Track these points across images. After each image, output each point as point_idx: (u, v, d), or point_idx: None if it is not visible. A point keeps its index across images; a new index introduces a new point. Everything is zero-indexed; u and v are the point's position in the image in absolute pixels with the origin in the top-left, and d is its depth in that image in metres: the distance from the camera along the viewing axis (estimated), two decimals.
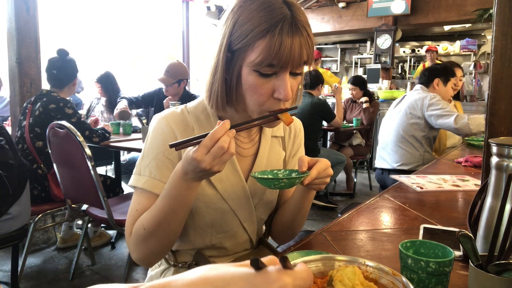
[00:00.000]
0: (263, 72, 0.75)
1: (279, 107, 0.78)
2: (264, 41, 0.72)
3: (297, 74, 0.79)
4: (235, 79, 0.79)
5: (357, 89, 4.41)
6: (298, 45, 0.73)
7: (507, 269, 0.57)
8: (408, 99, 2.59)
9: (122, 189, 2.68)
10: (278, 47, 0.71)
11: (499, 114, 1.08)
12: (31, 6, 2.88)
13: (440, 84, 2.59)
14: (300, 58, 0.74)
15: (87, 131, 2.41)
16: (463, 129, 2.35)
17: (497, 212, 0.66)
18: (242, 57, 0.76)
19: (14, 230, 1.81)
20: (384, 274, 0.58)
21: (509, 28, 1.03)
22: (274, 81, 0.76)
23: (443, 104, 2.42)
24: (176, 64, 3.11)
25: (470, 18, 5.42)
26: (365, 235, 0.98)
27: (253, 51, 0.73)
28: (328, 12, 7.05)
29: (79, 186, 2.08)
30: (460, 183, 1.55)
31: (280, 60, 0.72)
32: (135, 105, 3.37)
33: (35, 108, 2.35)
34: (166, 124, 0.86)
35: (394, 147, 2.62)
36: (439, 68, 2.63)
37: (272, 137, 0.98)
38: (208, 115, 0.89)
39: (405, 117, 2.55)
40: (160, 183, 0.83)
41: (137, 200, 0.85)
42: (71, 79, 2.48)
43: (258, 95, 0.77)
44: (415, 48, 8.44)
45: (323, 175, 0.80)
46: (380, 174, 2.77)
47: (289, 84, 0.76)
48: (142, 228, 0.80)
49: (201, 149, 0.67)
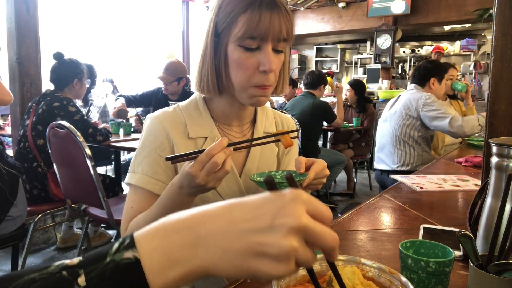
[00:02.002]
0: (247, 46, 0.79)
1: (263, 83, 0.81)
2: (245, 15, 0.78)
3: (279, 51, 0.83)
4: (222, 61, 0.83)
5: (352, 92, 4.34)
6: (277, 19, 0.78)
7: (507, 269, 0.57)
8: (403, 100, 2.58)
9: (122, 189, 2.68)
10: (258, 20, 0.77)
11: (499, 114, 1.08)
12: (31, 6, 2.88)
13: (435, 83, 2.59)
14: (279, 32, 0.79)
15: (91, 128, 2.41)
16: (457, 133, 2.38)
17: (497, 212, 0.66)
18: (227, 35, 0.81)
19: (14, 230, 1.81)
20: (382, 273, 0.58)
21: (509, 28, 1.03)
22: (258, 56, 0.80)
23: (438, 105, 2.41)
24: (175, 62, 3.11)
25: (470, 18, 5.43)
26: (365, 235, 0.98)
27: (236, 27, 0.79)
28: (328, 12, 7.05)
29: (79, 186, 2.08)
30: (460, 183, 1.55)
31: (260, 32, 0.77)
32: (134, 104, 3.37)
33: (39, 107, 2.36)
34: (158, 122, 0.89)
35: (392, 149, 2.61)
36: (432, 66, 2.62)
37: (264, 133, 0.99)
38: (200, 112, 0.92)
39: (400, 118, 2.55)
40: (152, 179, 0.86)
41: (131, 198, 0.88)
42: (69, 81, 2.46)
43: (244, 70, 0.81)
44: (415, 48, 8.44)
45: (320, 175, 0.83)
46: (380, 175, 2.76)
47: (272, 56, 0.80)
48: (137, 229, 0.81)
49: (196, 165, 0.69)
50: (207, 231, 0.35)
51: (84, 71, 2.56)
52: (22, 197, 1.87)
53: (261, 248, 0.34)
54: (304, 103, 3.63)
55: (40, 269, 0.33)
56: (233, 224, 0.35)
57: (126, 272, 0.33)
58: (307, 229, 0.35)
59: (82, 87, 2.55)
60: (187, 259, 0.35)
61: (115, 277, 0.32)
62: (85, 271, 0.32)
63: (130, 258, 0.33)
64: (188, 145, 0.89)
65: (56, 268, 0.32)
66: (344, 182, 4.42)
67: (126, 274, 0.33)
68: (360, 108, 4.42)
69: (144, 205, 0.86)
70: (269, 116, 1.03)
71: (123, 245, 0.34)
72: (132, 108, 3.33)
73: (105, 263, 0.33)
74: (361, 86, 4.42)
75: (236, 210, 0.36)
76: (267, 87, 0.83)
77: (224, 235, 0.35)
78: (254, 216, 0.35)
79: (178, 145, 0.88)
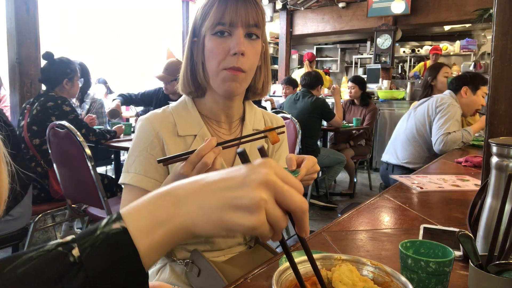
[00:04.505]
0: (218, 31, 0.84)
1: (233, 64, 0.84)
2: (214, 7, 0.84)
3: (252, 36, 0.87)
4: (200, 55, 0.89)
5: (356, 88, 4.41)
6: (243, 6, 0.83)
7: (507, 269, 0.57)
8: (431, 100, 2.60)
9: (121, 189, 2.68)
10: (225, 6, 0.83)
11: (499, 114, 1.08)
12: (31, 6, 2.88)
13: (468, 92, 2.57)
14: (247, 16, 0.83)
15: (83, 129, 2.39)
16: (438, 151, 2.45)
17: (497, 212, 0.66)
18: (203, 29, 0.86)
19: (15, 230, 1.81)
20: (362, 265, 0.59)
21: (509, 28, 1.03)
22: (229, 41, 0.84)
23: (446, 119, 2.41)
24: (174, 62, 3.11)
25: (470, 18, 5.42)
26: (365, 235, 0.98)
27: (209, 19, 0.84)
28: (328, 12, 7.05)
29: (79, 186, 2.08)
30: (460, 183, 1.55)
31: (228, 18, 0.83)
32: (134, 103, 3.36)
33: (33, 108, 2.36)
34: (147, 123, 0.92)
35: (405, 144, 2.65)
36: (468, 76, 2.63)
37: (253, 130, 1.01)
38: (188, 111, 0.95)
39: (422, 117, 2.57)
40: (145, 177, 0.89)
41: (127, 197, 0.91)
42: (59, 81, 2.44)
43: (216, 55, 0.85)
44: (415, 48, 8.44)
45: (312, 171, 0.85)
46: (385, 170, 2.78)
47: (242, 39, 0.84)
48: None
49: (187, 165, 0.71)
50: (186, 192, 0.39)
51: (75, 70, 2.53)
52: (29, 202, 1.87)
53: (234, 201, 0.38)
54: (302, 102, 3.64)
55: (37, 248, 0.36)
56: (209, 185, 0.39)
57: (115, 240, 0.36)
58: (276, 185, 0.39)
59: (73, 87, 2.52)
60: (170, 217, 0.38)
61: (105, 245, 0.35)
62: (78, 244, 0.35)
63: (118, 228, 0.36)
64: (177, 143, 0.92)
65: (52, 245, 0.36)
66: (344, 182, 4.42)
67: (115, 241, 0.36)
68: (364, 102, 4.45)
69: None
70: (257, 114, 1.05)
71: (111, 219, 0.37)
72: (131, 105, 3.32)
73: (96, 235, 0.36)
74: (363, 81, 4.50)
75: (211, 176, 0.40)
76: (238, 71, 0.85)
77: (201, 194, 0.39)
78: (228, 178, 0.39)
79: (168, 144, 0.91)
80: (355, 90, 4.42)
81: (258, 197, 0.37)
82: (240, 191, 0.38)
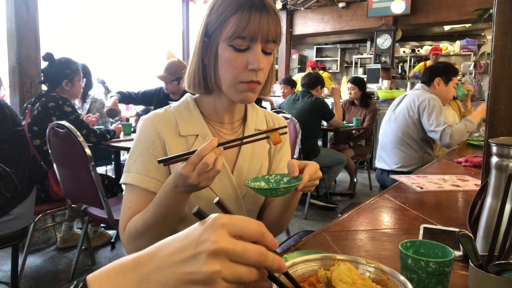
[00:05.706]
0: (237, 46, 0.82)
1: (251, 79, 0.83)
2: (235, 16, 0.80)
3: (268, 53, 0.85)
4: (212, 60, 0.86)
5: (356, 89, 4.40)
6: (266, 21, 0.81)
7: (507, 269, 0.57)
8: (407, 100, 2.58)
9: (121, 189, 2.68)
10: (247, 20, 0.79)
11: (499, 114, 1.08)
12: (31, 6, 2.88)
13: (441, 84, 2.58)
14: (268, 33, 0.81)
15: (84, 129, 2.40)
16: (446, 145, 2.42)
17: (497, 212, 0.66)
18: (218, 35, 0.83)
19: (15, 231, 1.81)
20: (359, 265, 0.60)
21: (509, 28, 1.03)
22: (247, 55, 0.82)
23: (436, 114, 2.40)
24: (175, 62, 3.11)
25: (470, 18, 5.43)
26: (365, 235, 0.98)
27: (227, 27, 0.81)
28: (328, 12, 7.05)
29: (79, 186, 2.08)
30: (460, 183, 1.55)
31: (249, 33, 0.80)
32: (134, 102, 3.35)
33: (34, 108, 2.36)
34: (149, 123, 0.92)
35: (393, 149, 2.61)
36: (440, 67, 2.62)
37: (255, 130, 1.00)
38: (190, 111, 0.95)
39: (403, 119, 2.55)
40: (146, 177, 0.88)
41: (128, 197, 0.90)
42: (59, 82, 2.44)
43: (233, 68, 0.83)
44: (415, 48, 8.44)
45: (314, 177, 0.84)
46: (380, 174, 2.76)
47: (261, 55, 0.83)
48: (134, 229, 0.85)
49: (188, 166, 0.71)
50: (148, 270, 0.39)
51: (75, 71, 2.52)
52: (32, 203, 1.87)
53: (189, 277, 0.38)
54: (302, 102, 3.64)
55: None
56: (166, 259, 0.39)
57: None
58: (227, 251, 0.38)
59: (74, 87, 2.52)
60: None
61: None
62: None
63: None
64: (179, 142, 0.91)
65: None
66: (344, 182, 4.42)
67: None
68: (363, 103, 4.45)
69: (140, 203, 0.87)
70: (259, 114, 1.05)
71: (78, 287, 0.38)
72: (131, 105, 3.31)
73: None
74: (363, 82, 4.49)
75: (170, 245, 0.40)
76: (255, 84, 0.85)
77: (160, 272, 0.39)
78: (182, 248, 0.39)
79: (169, 143, 0.90)
80: (355, 91, 4.42)
81: (210, 270, 0.37)
82: (193, 266, 0.38)
